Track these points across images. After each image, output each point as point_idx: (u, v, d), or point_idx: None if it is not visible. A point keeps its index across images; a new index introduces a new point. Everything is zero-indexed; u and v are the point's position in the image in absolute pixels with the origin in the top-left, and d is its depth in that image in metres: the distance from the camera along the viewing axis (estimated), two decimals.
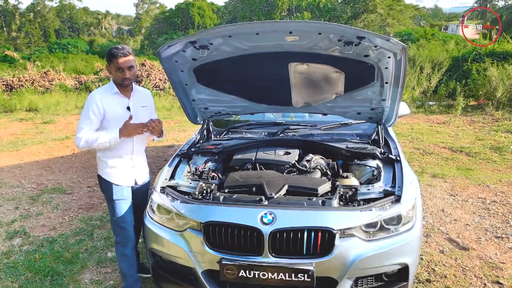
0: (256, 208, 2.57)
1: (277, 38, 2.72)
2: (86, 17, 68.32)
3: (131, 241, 2.98)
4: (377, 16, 31.66)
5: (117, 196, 2.91)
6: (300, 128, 3.76)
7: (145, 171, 3.10)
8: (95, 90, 2.86)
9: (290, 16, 35.78)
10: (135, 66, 2.80)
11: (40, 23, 59.10)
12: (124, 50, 2.73)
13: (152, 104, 3.08)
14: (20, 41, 52.59)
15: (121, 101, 2.85)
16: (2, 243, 3.97)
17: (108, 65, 2.79)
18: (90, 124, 2.77)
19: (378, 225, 2.57)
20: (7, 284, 3.26)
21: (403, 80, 2.96)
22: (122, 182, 2.92)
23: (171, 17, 45.43)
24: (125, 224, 2.94)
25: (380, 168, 3.03)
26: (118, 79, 2.77)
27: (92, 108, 2.76)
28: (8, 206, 4.92)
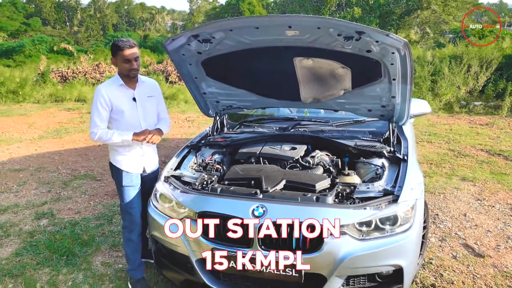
0: (249, 201, 2.60)
1: (277, 33, 2.72)
2: (142, 12, 70.76)
3: (138, 227, 3.10)
4: (432, 13, 30.41)
5: (126, 182, 3.03)
6: (311, 124, 3.73)
7: (154, 160, 3.21)
8: (101, 84, 2.98)
9: (339, 12, 35.12)
10: (139, 58, 2.91)
11: (100, 18, 61.93)
12: (129, 42, 2.84)
13: (159, 94, 3.18)
14: (81, 35, 55.34)
15: (126, 93, 2.95)
16: (30, 223, 4.25)
17: (113, 57, 2.88)
18: (100, 117, 2.90)
19: (373, 224, 2.52)
20: (27, 261, 3.50)
21: (410, 77, 2.87)
22: (132, 169, 3.04)
23: (221, 13, 46.04)
24: (133, 210, 3.06)
25: (384, 167, 2.96)
26: (125, 71, 2.87)
27: (100, 101, 2.88)
28: (42, 189, 5.25)
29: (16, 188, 5.30)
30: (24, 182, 5.52)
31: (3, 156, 6.91)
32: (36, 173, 5.91)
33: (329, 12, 35.65)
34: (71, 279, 3.23)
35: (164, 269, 2.97)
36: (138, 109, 2.98)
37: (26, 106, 12.24)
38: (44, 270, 3.36)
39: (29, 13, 57.15)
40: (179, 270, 2.85)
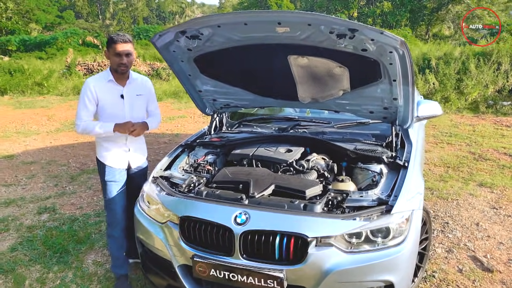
0: (232, 207, 2.47)
1: (267, 29, 2.56)
2: (173, 6, 71.44)
3: (120, 224, 3.06)
4: (465, 7, 29.28)
5: (108, 177, 3.00)
6: (312, 125, 3.56)
7: (140, 156, 3.15)
8: (90, 77, 2.94)
9: (369, 7, 34.31)
10: (132, 55, 2.86)
11: (131, 12, 62.91)
12: (124, 37, 2.80)
13: (150, 92, 3.12)
14: (113, 28, 56.37)
15: (115, 89, 2.90)
16: (31, 218, 4.27)
17: (107, 50, 2.85)
18: (86, 111, 2.87)
19: (363, 236, 2.36)
20: (20, 257, 3.50)
21: (411, 78, 2.67)
22: (115, 165, 3.01)
23: (248, 7, 45.79)
24: (115, 206, 3.03)
25: (382, 173, 2.78)
26: (115, 64, 2.82)
27: (87, 95, 2.85)
28: (49, 183, 5.28)
29: (24, 181, 5.36)
30: (33, 175, 5.58)
31: (19, 148, 7.03)
32: (46, 166, 5.96)
33: (358, 6, 34.91)
34: (60, 278, 3.20)
35: (149, 272, 2.88)
36: (125, 106, 2.93)
37: (49, 98, 12.49)
38: (35, 267, 3.35)
39: (63, 6, 58.54)
40: (162, 274, 2.75)
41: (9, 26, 32.89)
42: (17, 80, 13.87)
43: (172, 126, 8.60)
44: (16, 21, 34.95)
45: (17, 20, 35.27)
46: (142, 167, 3.17)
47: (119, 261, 3.09)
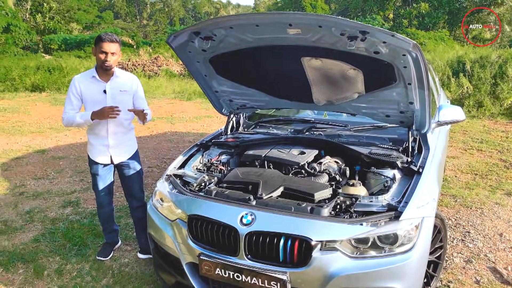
0: (239, 207, 2.49)
1: (278, 31, 2.56)
2: (208, 7, 72.31)
3: (105, 206, 3.43)
4: (508, 9, 28.14)
5: (93, 170, 3.30)
6: (328, 128, 3.52)
7: (123, 152, 3.29)
8: (76, 75, 3.15)
9: (405, 8, 33.48)
10: (117, 54, 3.04)
11: (168, 12, 64.16)
12: (112, 37, 2.98)
13: (136, 89, 3.25)
14: (149, 28, 57.70)
15: (98, 84, 3.09)
16: (56, 210, 4.43)
17: (94, 47, 3.01)
18: (71, 105, 3.10)
19: (370, 242, 2.32)
20: (42, 248, 3.64)
21: (427, 81, 2.60)
22: (98, 160, 3.24)
23: (283, 7, 45.72)
24: (98, 196, 3.39)
25: (394, 178, 2.72)
26: (99, 61, 3.00)
27: (72, 90, 3.08)
28: (75, 178, 5.46)
29: (53, 175, 5.57)
30: (61, 170, 5.79)
31: (50, 143, 7.31)
32: (74, 162, 6.17)
33: (394, 7, 34.17)
34: (77, 269, 3.31)
35: (159, 269, 2.94)
36: (108, 101, 3.09)
37: None
38: (55, 258, 3.47)
39: (103, 6, 60.32)
40: (171, 271, 2.80)
41: (51, 25, 34.19)
42: (55, 77, 14.42)
43: (198, 126, 8.71)
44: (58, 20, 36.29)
45: (59, 19, 36.63)
46: (131, 167, 3.31)
47: (106, 231, 3.55)
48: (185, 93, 13.16)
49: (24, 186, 5.16)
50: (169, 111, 10.44)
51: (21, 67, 15.71)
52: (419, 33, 26.26)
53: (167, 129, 8.36)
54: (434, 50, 19.41)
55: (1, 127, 8.50)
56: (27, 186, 5.16)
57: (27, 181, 5.35)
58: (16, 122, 9.05)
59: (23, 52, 27.95)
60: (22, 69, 15.35)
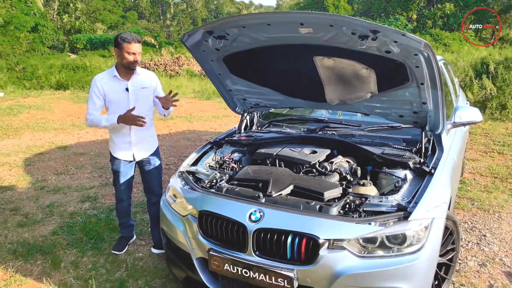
0: (248, 204, 2.52)
1: (290, 30, 2.58)
2: (231, 7, 72.69)
3: (123, 201, 3.52)
4: None
5: (114, 167, 3.40)
6: (342, 127, 3.51)
7: (145, 149, 3.38)
8: (97, 75, 3.21)
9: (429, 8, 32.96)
10: (140, 53, 3.14)
11: (191, 13, 64.77)
12: (136, 37, 3.08)
13: (156, 85, 3.34)
14: (173, 29, 58.37)
15: (119, 83, 3.16)
16: (74, 205, 4.55)
17: (117, 48, 3.06)
18: (94, 106, 3.16)
19: (378, 242, 2.31)
20: (59, 240, 3.75)
21: (439, 81, 2.58)
22: (120, 156, 3.34)
23: (305, 7, 45.61)
24: (118, 190, 3.48)
25: (406, 179, 2.70)
26: (127, 62, 3.07)
27: (94, 90, 3.14)
28: (95, 174, 5.59)
29: (73, 171, 5.71)
30: (82, 166, 5.93)
31: (72, 140, 7.49)
32: (94, 158, 6.32)
33: (417, 8, 33.65)
34: (92, 262, 3.40)
35: (171, 263, 2.99)
36: (130, 99, 3.18)
37: None
38: (72, 251, 3.57)
39: (128, 6, 61.33)
40: (182, 266, 2.85)
41: (77, 25, 34.98)
42: (79, 76, 14.77)
43: (215, 125, 8.79)
44: (83, 20, 37.07)
45: (84, 19, 37.41)
46: (151, 162, 3.39)
47: (122, 225, 3.64)
48: (204, 92, 13.28)
49: (45, 181, 5.31)
50: (188, 110, 10.56)
51: (47, 66, 16.14)
52: (443, 34, 25.82)
53: (186, 128, 8.46)
54: (459, 51, 19.06)
55: (26, 124, 8.75)
56: (48, 181, 5.31)
57: (48, 176, 5.51)
58: (41, 119, 9.30)
59: (49, 51, 28.68)
60: (48, 68, 15.77)
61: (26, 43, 27.15)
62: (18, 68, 15.60)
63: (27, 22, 27.97)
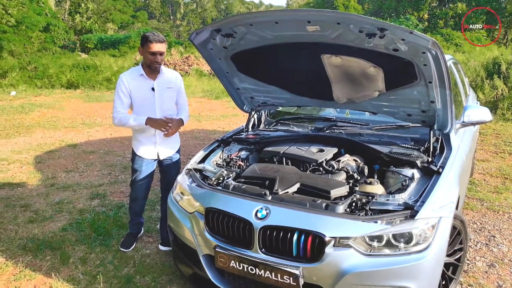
0: (254, 202, 2.53)
1: (298, 28, 2.58)
2: (240, 7, 72.78)
3: (138, 200, 3.55)
4: None
5: (136, 165, 3.40)
6: (349, 126, 3.51)
7: (169, 148, 3.41)
8: (123, 73, 3.22)
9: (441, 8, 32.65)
10: (164, 53, 3.12)
11: (200, 13, 65.00)
12: (159, 37, 3.05)
13: (180, 86, 3.36)
14: (182, 29, 58.60)
15: (146, 82, 3.17)
16: (84, 202, 4.59)
17: (141, 47, 3.09)
18: (121, 104, 3.17)
19: (384, 240, 2.31)
20: (68, 236, 3.79)
21: (448, 80, 2.56)
22: (143, 155, 3.35)
23: (315, 7, 45.50)
24: (136, 189, 3.48)
25: (413, 178, 2.69)
26: (148, 61, 3.08)
27: (121, 89, 3.15)
28: (104, 171, 5.64)
29: (82, 169, 5.77)
30: (91, 164, 5.99)
31: (82, 138, 7.57)
32: (104, 156, 6.37)
33: (428, 7, 33.37)
34: (100, 258, 3.42)
35: (178, 260, 3.01)
36: (156, 98, 3.20)
37: None
38: (80, 247, 3.61)
39: (138, 6, 61.65)
40: (189, 263, 2.86)
41: (88, 25, 35.29)
42: (89, 75, 14.92)
43: (224, 124, 8.81)
44: (94, 20, 37.39)
45: (95, 19, 37.73)
46: (172, 159, 3.41)
47: (133, 222, 3.66)
48: (213, 92, 13.32)
49: (55, 178, 5.37)
50: (197, 109, 10.60)
51: (58, 65, 16.32)
52: (455, 34, 25.57)
53: (194, 127, 8.50)
54: (470, 51, 18.87)
55: (37, 122, 8.86)
56: (58, 178, 5.37)
57: (58, 173, 5.57)
58: (51, 117, 9.41)
59: (61, 51, 28.98)
60: (59, 67, 15.94)
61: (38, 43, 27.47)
62: (30, 67, 15.80)
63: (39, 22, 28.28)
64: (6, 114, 9.54)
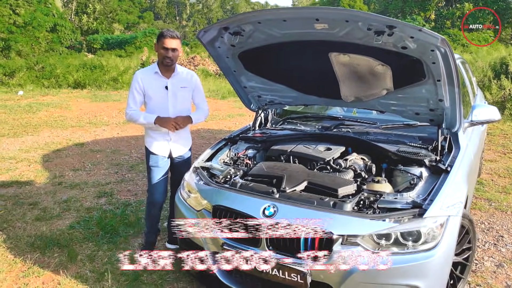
0: (262, 199, 2.53)
1: (306, 26, 2.58)
2: (246, 8, 72.85)
3: (158, 204, 3.40)
4: None
5: (152, 163, 3.31)
6: (357, 125, 3.50)
7: (182, 146, 3.39)
8: (138, 70, 3.21)
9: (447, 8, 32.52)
10: (178, 50, 3.09)
11: (206, 13, 65.14)
12: (173, 33, 3.04)
13: (196, 85, 3.33)
14: (188, 29, 58.72)
15: (160, 80, 3.15)
16: (91, 200, 4.62)
17: (156, 43, 3.09)
18: (134, 100, 3.17)
19: (392, 238, 2.30)
20: (76, 234, 3.80)
21: (456, 78, 2.55)
22: (158, 152, 3.30)
23: None
24: (155, 190, 3.33)
25: (421, 176, 2.68)
26: (161, 57, 3.07)
27: (134, 85, 3.14)
28: (111, 170, 5.67)
29: (89, 167, 5.80)
30: (98, 162, 6.02)
31: (89, 137, 7.61)
32: (110, 155, 6.40)
33: (435, 8, 33.23)
34: (107, 256, 3.44)
35: (185, 259, 3.01)
36: (169, 97, 3.17)
37: (122, 93, 13.31)
38: (88, 245, 3.62)
39: (144, 7, 61.87)
40: (196, 262, 2.86)
41: (95, 26, 35.48)
42: (96, 75, 14.99)
43: (230, 123, 8.82)
44: (101, 21, 37.57)
45: (102, 20, 37.91)
46: (184, 157, 3.37)
47: (150, 232, 3.48)
48: (219, 92, 13.34)
49: (62, 177, 5.40)
50: None
51: (65, 65, 16.41)
52: (462, 34, 25.44)
53: (200, 126, 8.50)
54: (477, 51, 18.76)
55: (45, 121, 8.91)
56: (65, 177, 5.40)
57: (65, 172, 5.60)
58: (59, 116, 9.46)
59: (67, 51, 29.14)
60: (66, 67, 16.03)
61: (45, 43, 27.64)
62: (37, 67, 15.90)
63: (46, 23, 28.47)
64: (14, 114, 9.61)
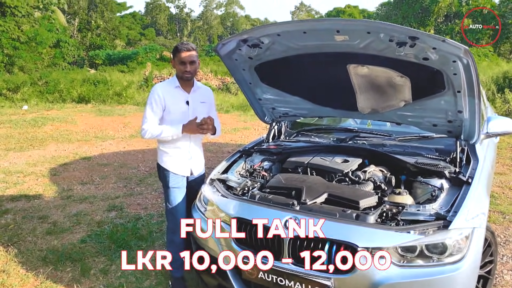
0: (283, 212, 2.50)
1: (326, 38, 2.59)
2: (246, 25, 73.60)
3: (178, 231, 3.08)
4: None
5: (173, 184, 3.08)
6: (372, 137, 3.49)
7: (201, 163, 3.25)
8: (158, 83, 3.10)
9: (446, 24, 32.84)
10: (196, 62, 2.98)
11: (207, 30, 65.77)
12: (188, 45, 2.93)
13: (212, 101, 3.25)
14: None
15: (181, 95, 3.03)
16: (101, 214, 4.58)
17: (173, 59, 3.00)
18: (153, 115, 2.96)
19: (417, 251, 2.26)
20: (88, 248, 3.76)
21: (478, 89, 2.54)
22: (179, 171, 3.08)
23: None
24: (177, 213, 3.09)
25: (442, 188, 2.65)
26: (180, 72, 2.96)
27: (154, 99, 2.95)
28: (120, 184, 5.63)
29: (98, 181, 5.77)
30: (106, 176, 5.99)
31: (96, 151, 7.59)
32: (118, 169, 6.38)
33: (434, 23, 33.56)
34: (121, 270, 3.39)
35: (202, 272, 2.96)
36: (190, 112, 3.04)
37: (126, 107, 13.34)
38: (100, 259, 3.58)
39: (146, 24, 62.47)
40: (214, 274, 2.82)
41: (97, 42, 35.74)
42: (100, 90, 15.03)
43: (236, 137, 8.82)
44: (104, 37, 37.86)
45: (104, 36, 38.21)
46: (201, 174, 3.27)
47: (177, 264, 3.14)
48: (223, 106, 13.35)
49: (71, 190, 5.37)
50: None
51: (68, 80, 16.45)
52: None
53: (206, 140, 8.48)
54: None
55: (51, 135, 8.90)
56: (74, 190, 5.37)
57: (74, 185, 5.57)
58: (64, 131, 9.45)
59: (70, 66, 29.28)
60: (70, 82, 16.07)
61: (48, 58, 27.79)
62: (40, 82, 15.94)
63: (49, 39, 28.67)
64: (20, 128, 9.61)
